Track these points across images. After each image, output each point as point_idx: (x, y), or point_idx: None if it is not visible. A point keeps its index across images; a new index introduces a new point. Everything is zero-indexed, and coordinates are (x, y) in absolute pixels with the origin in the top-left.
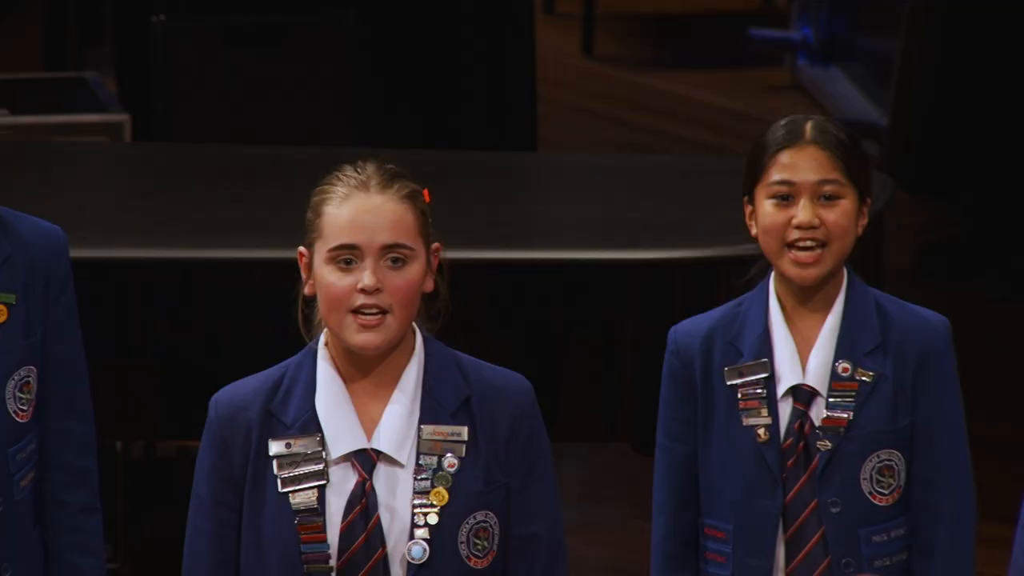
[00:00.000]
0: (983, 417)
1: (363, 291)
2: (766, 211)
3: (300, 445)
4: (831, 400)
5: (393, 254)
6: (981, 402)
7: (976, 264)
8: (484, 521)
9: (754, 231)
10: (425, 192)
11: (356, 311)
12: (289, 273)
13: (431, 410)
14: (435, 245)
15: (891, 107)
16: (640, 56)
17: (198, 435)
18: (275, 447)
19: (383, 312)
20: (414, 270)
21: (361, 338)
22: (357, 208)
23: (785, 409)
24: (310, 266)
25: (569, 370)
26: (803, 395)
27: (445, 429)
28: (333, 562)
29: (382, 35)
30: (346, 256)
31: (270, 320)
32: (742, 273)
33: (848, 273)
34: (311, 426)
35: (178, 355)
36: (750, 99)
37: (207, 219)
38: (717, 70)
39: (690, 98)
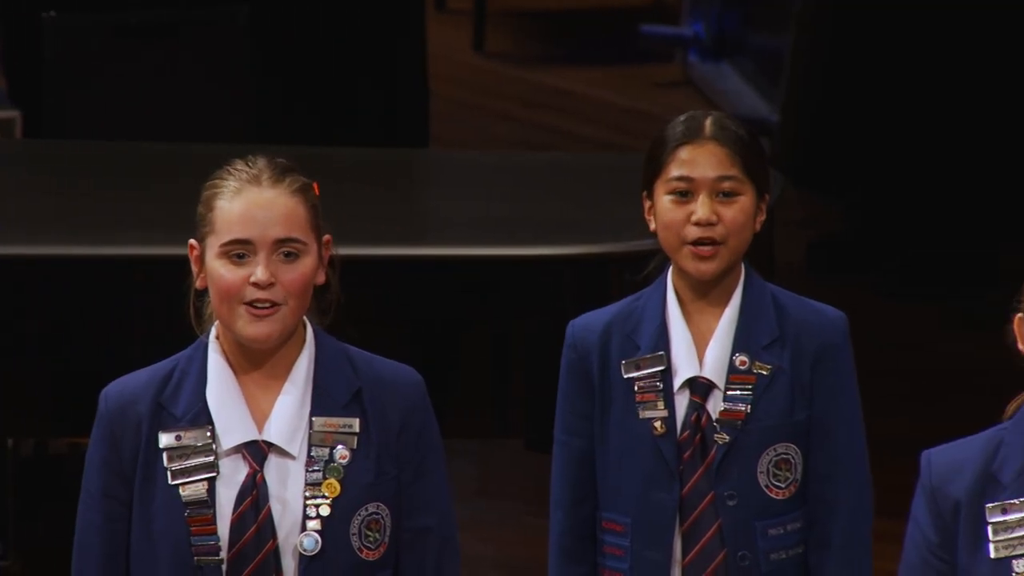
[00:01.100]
0: (872, 412)
1: (256, 285)
2: (665, 207)
3: (190, 437)
4: (728, 393)
5: (286, 248)
6: (870, 397)
7: (864, 259)
8: (376, 513)
9: (653, 226)
10: (315, 185)
11: (248, 304)
12: (179, 269)
13: (322, 402)
14: (326, 238)
15: (781, 103)
16: (531, 53)
17: (89, 432)
18: (165, 439)
19: (276, 305)
20: (306, 263)
21: (253, 330)
22: (249, 202)
23: (682, 402)
24: (201, 259)
25: (461, 366)
26: (700, 388)
27: (336, 421)
28: (223, 554)
29: (274, 32)
30: (239, 251)
31: (160, 315)
32: (638, 268)
33: (745, 268)
34: (202, 418)
35: (68, 352)
36: (641, 95)
37: (98, 216)
38: (608, 66)
39: (582, 94)
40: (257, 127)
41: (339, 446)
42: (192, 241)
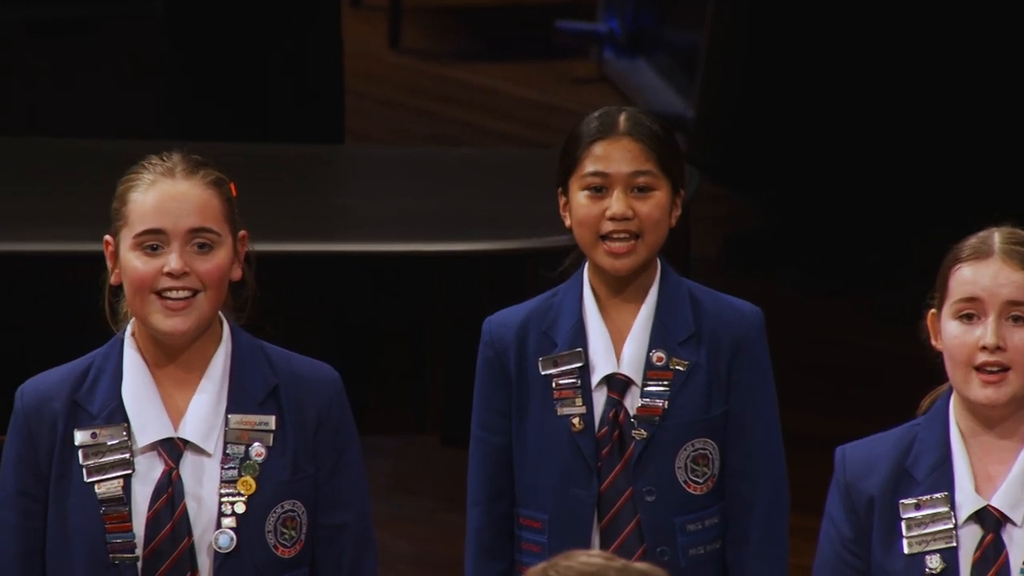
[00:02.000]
0: (788, 407)
1: (170, 275)
2: (580, 203)
3: (106, 435)
4: (646, 389)
5: (199, 239)
6: (786, 392)
7: (780, 255)
8: (291, 510)
9: (568, 222)
10: (232, 185)
11: (162, 295)
12: (94, 265)
13: (238, 399)
14: (242, 233)
15: (696, 99)
16: (447, 48)
17: (5, 430)
18: (80, 436)
19: (191, 295)
20: (221, 255)
21: (168, 323)
22: (163, 194)
23: (600, 398)
24: (116, 254)
25: (378, 362)
26: (618, 384)
27: (252, 418)
28: (139, 551)
29: (189, 27)
30: (152, 241)
31: (76, 312)
32: (553, 264)
33: (662, 264)
34: (117, 416)
35: None
36: (557, 91)
37: (11, 212)
38: (524, 62)
39: (497, 90)
40: (171, 123)
41: (255, 443)
42: (107, 237)
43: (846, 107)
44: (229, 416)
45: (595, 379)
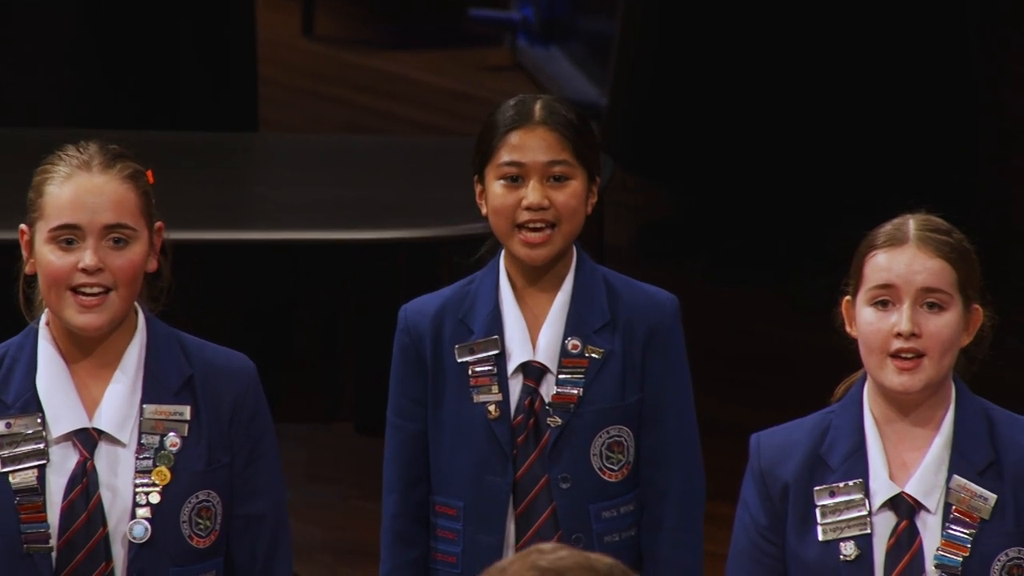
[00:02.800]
0: (703, 395)
1: (84, 271)
2: (496, 192)
3: (20, 425)
4: (561, 377)
5: (115, 234)
6: (701, 380)
7: (694, 243)
8: (206, 500)
9: (484, 211)
10: (149, 173)
11: (77, 291)
12: (9, 254)
13: (153, 389)
14: (158, 225)
15: (610, 88)
16: (360, 36)
17: None
18: None
19: (104, 292)
20: (136, 250)
21: (82, 319)
22: (79, 188)
23: (515, 386)
24: (31, 245)
25: (292, 350)
26: (533, 372)
27: (167, 408)
28: (54, 541)
29: (102, 14)
30: (67, 236)
31: None
32: (469, 252)
33: (577, 251)
34: (32, 406)
35: None
36: (470, 79)
37: None
38: (437, 50)
39: (411, 79)
40: (83, 110)
41: (170, 433)
42: (23, 226)
43: (758, 96)
44: (144, 406)
45: (511, 367)
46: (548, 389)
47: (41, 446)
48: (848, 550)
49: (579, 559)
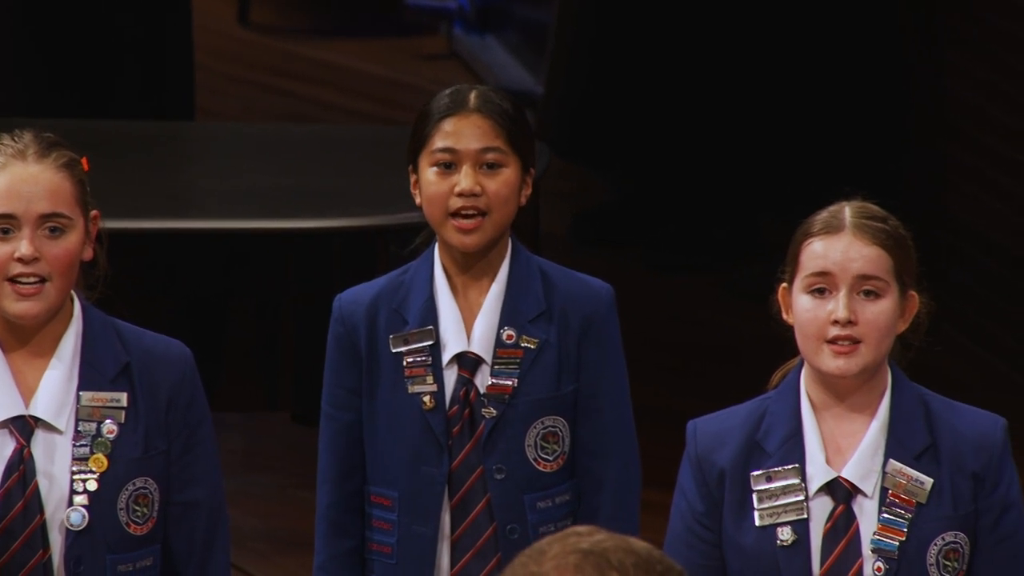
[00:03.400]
0: (639, 383)
1: (20, 260)
2: (429, 179)
3: None
4: (496, 367)
5: (51, 223)
6: (637, 369)
7: (629, 231)
8: (144, 488)
9: (418, 200)
10: (84, 160)
11: (13, 280)
12: None
13: (90, 377)
14: (94, 213)
15: (545, 76)
16: (296, 25)
17: None
18: None
19: (41, 281)
20: (71, 239)
21: (19, 307)
22: (14, 177)
23: (450, 376)
24: None
25: (229, 339)
26: (468, 362)
27: (104, 395)
28: None
29: (40, 4)
30: (3, 226)
31: None
32: (404, 241)
33: (512, 241)
34: None
35: None
36: (406, 68)
37: None
38: (374, 39)
39: (347, 67)
40: (20, 100)
41: (107, 420)
42: None
43: (694, 83)
44: (80, 393)
45: (446, 357)
46: (483, 380)
47: None
48: (785, 535)
49: (618, 541)
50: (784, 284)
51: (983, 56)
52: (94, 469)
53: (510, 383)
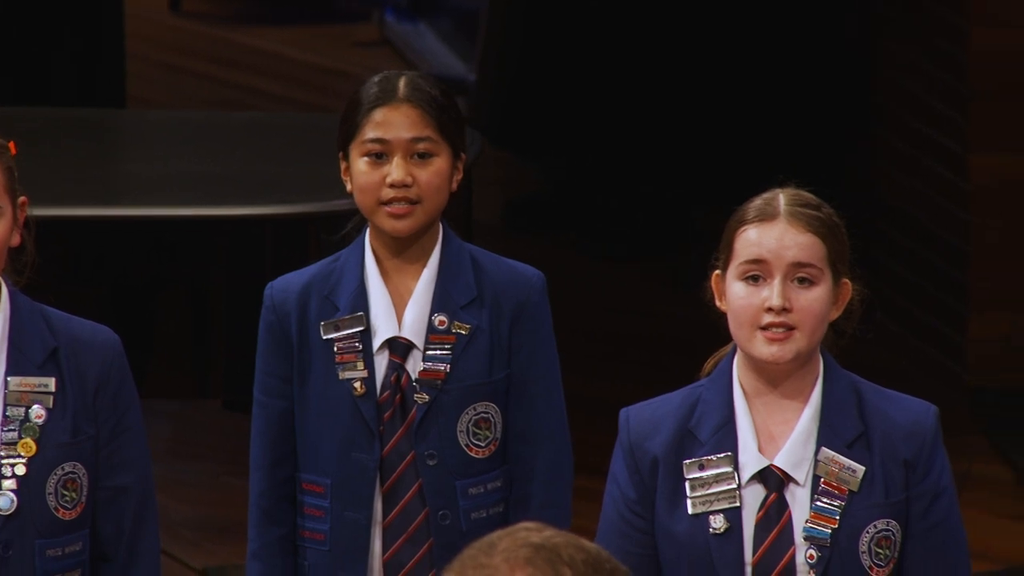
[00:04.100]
0: (571, 371)
1: None
2: (360, 169)
3: None
4: (428, 353)
5: None
6: (569, 356)
7: (562, 218)
8: (72, 473)
9: (349, 187)
10: (11, 145)
11: None
12: None
13: (17, 362)
14: (22, 200)
15: (477, 64)
16: (227, 12)
17: None
18: None
19: None
20: (1, 225)
21: None
22: None
23: (382, 363)
24: None
25: (159, 326)
26: (399, 348)
27: (32, 381)
28: None
29: None
30: None
31: None
32: (335, 229)
33: (443, 228)
34: None
35: None
36: (338, 55)
37: None
38: (305, 26)
39: (279, 54)
40: None
41: (35, 405)
42: None
43: (626, 70)
44: (8, 378)
45: (377, 343)
46: (415, 365)
47: None
48: (718, 523)
49: (568, 538)
50: (717, 271)
51: (914, 41)
52: (22, 454)
53: (442, 369)
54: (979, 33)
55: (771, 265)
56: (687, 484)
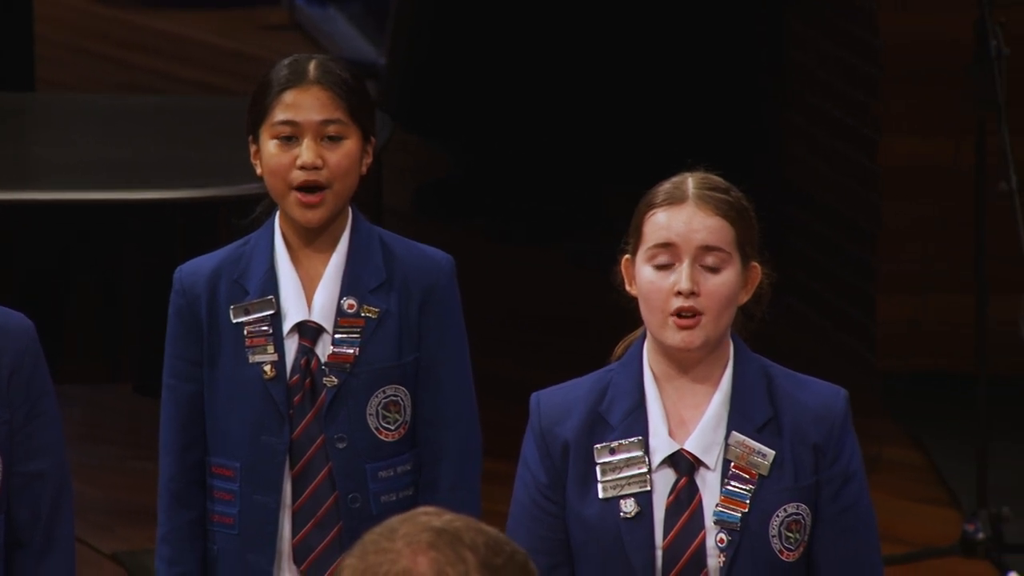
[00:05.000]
0: (481, 355)
1: None
2: (270, 152)
3: None
4: (337, 336)
5: None
6: (479, 340)
7: (472, 203)
8: None
9: (259, 171)
10: None
11: None
12: None
13: None
14: None
15: (388, 48)
16: None
17: None
18: None
19: None
20: None
21: None
22: None
23: (291, 346)
24: None
25: (70, 311)
26: (309, 332)
27: None
28: None
29: None
30: None
31: None
32: (245, 212)
33: (353, 212)
34: None
35: None
36: (247, 38)
37: None
38: (215, 9)
39: (188, 37)
40: None
41: None
42: None
43: (536, 54)
44: None
45: (287, 327)
46: (324, 349)
47: None
48: (628, 507)
49: (468, 521)
50: (627, 255)
51: (825, 25)
52: None
53: (351, 352)
54: (889, 18)
55: (680, 249)
56: (598, 468)
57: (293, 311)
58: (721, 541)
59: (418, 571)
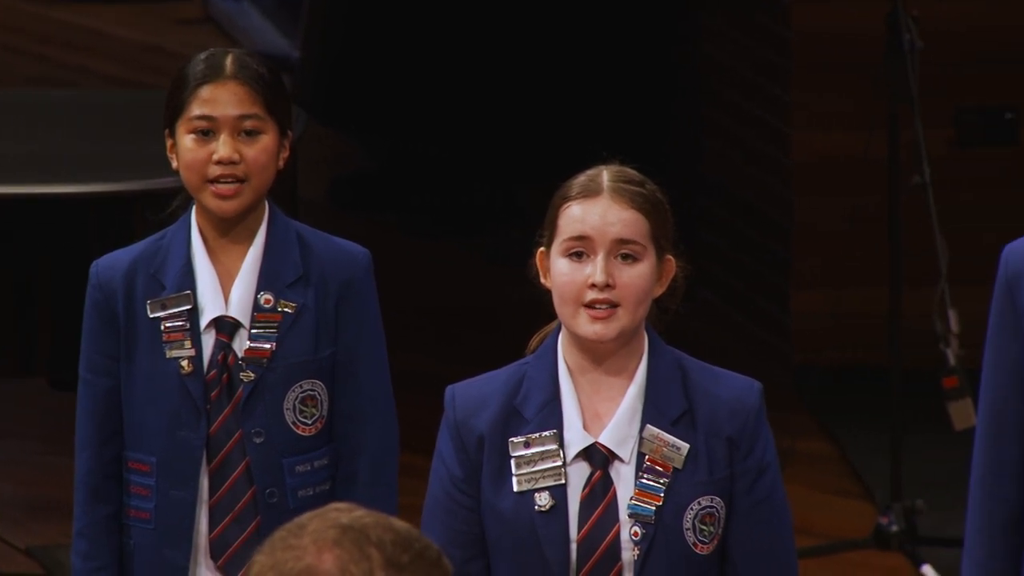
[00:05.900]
0: (397, 349)
1: None
2: (187, 146)
3: None
4: (254, 331)
5: None
6: (395, 334)
7: (388, 197)
8: None
9: (176, 165)
10: None
11: None
12: None
13: None
14: None
15: (301, 41)
16: None
17: None
18: None
19: None
20: None
21: None
22: None
23: (208, 341)
24: None
25: None
26: (226, 327)
27: None
28: None
29: None
30: None
31: None
32: (161, 206)
33: (270, 206)
34: None
35: None
36: (161, 32)
37: None
38: (129, 3)
39: (102, 31)
40: None
41: None
42: None
43: (452, 48)
44: None
45: (204, 321)
46: (241, 344)
47: None
48: (543, 500)
49: (378, 518)
50: (542, 248)
51: (737, 18)
52: None
53: (268, 347)
54: (801, 11)
55: (594, 241)
56: (512, 461)
57: (210, 306)
58: (635, 534)
59: (322, 568)
